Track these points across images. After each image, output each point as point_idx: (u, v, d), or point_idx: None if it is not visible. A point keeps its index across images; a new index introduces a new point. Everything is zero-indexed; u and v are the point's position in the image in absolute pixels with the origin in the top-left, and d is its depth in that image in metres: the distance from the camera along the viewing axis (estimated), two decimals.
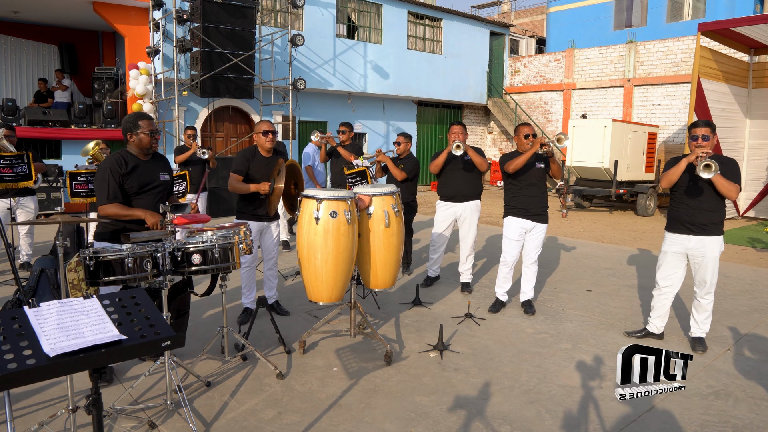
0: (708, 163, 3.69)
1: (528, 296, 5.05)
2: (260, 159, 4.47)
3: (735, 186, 3.81)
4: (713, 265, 4.04)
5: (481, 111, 19.59)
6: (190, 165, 7.18)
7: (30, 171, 5.89)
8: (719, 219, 4.00)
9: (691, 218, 4.00)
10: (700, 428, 3.06)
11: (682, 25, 17.11)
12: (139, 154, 3.52)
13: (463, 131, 5.34)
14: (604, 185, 12.45)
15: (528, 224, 4.90)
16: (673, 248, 4.15)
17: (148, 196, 3.52)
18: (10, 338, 1.59)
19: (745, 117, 11.83)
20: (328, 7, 14.39)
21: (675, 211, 4.13)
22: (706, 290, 4.11)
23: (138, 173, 3.46)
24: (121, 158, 3.42)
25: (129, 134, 3.48)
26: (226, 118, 13.57)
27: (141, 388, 3.43)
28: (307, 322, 4.73)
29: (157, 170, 3.60)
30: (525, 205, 4.87)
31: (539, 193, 4.88)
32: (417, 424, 3.07)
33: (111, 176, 3.35)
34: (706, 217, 3.97)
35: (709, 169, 3.70)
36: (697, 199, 3.97)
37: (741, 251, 8.02)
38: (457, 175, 5.56)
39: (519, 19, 29.23)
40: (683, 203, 4.05)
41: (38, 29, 13.45)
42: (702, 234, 4.00)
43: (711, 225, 3.98)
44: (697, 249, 4.04)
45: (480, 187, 5.68)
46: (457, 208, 5.60)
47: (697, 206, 3.97)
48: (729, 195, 3.84)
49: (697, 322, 4.22)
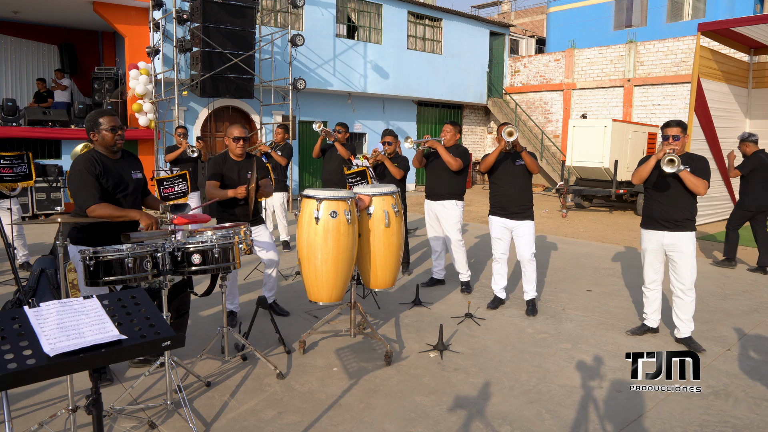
0: (671, 158, 3.85)
1: (531, 295, 5.05)
2: (232, 163, 4.36)
3: (702, 182, 3.96)
4: (690, 260, 4.14)
5: (481, 111, 19.59)
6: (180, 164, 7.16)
7: (30, 171, 5.89)
8: (691, 215, 4.14)
9: (665, 214, 4.14)
10: (700, 428, 3.06)
11: (682, 25, 17.11)
12: (107, 153, 3.37)
13: (452, 130, 5.42)
14: (604, 185, 12.44)
15: (508, 223, 4.94)
16: (651, 245, 4.28)
17: (123, 198, 3.40)
18: (10, 338, 1.59)
19: (745, 117, 11.82)
20: (328, 7, 14.39)
21: (649, 209, 4.27)
22: (687, 287, 4.16)
23: (111, 174, 3.32)
24: (92, 158, 3.27)
25: (92, 133, 3.33)
26: (226, 118, 13.57)
27: (141, 388, 3.43)
28: (307, 322, 4.73)
29: (129, 169, 3.47)
30: (503, 203, 4.93)
31: (518, 191, 4.88)
32: (417, 424, 3.07)
33: (89, 176, 3.20)
34: (678, 213, 4.11)
35: (672, 164, 3.85)
36: (669, 196, 4.12)
37: (741, 251, 8.02)
38: (434, 174, 5.60)
39: (519, 19, 29.23)
40: (656, 200, 4.19)
41: (38, 29, 13.45)
42: (675, 230, 4.13)
43: (683, 221, 4.12)
44: (672, 245, 4.16)
45: (459, 188, 5.58)
46: (434, 206, 5.64)
47: (669, 203, 4.12)
48: (696, 190, 3.98)
49: (683, 321, 4.23)
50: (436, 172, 5.58)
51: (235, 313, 4.64)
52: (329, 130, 6.58)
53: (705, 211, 9.87)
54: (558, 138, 17.33)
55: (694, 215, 4.16)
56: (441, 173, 5.53)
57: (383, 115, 16.71)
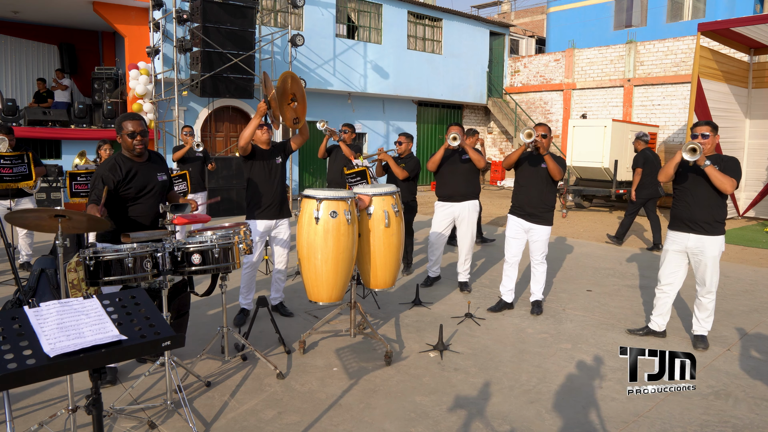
0: (693, 146, 3.74)
1: (537, 297, 5.05)
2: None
3: (729, 179, 3.84)
4: (712, 265, 4.06)
5: (481, 111, 19.59)
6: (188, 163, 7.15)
7: (30, 171, 5.89)
8: (720, 217, 4.02)
9: (691, 215, 4.04)
10: (700, 428, 3.06)
11: (682, 25, 17.11)
12: (131, 156, 3.41)
13: (462, 132, 5.37)
14: (604, 185, 12.44)
15: (524, 224, 4.91)
16: (674, 246, 4.19)
17: (148, 199, 3.43)
18: (10, 338, 1.59)
19: (745, 117, 11.82)
20: (328, 7, 14.39)
21: (676, 209, 4.18)
22: (706, 290, 4.13)
23: (134, 177, 3.35)
24: (115, 164, 3.31)
25: (118, 137, 3.40)
26: (226, 118, 13.57)
27: (141, 388, 3.43)
28: (307, 322, 4.73)
29: (154, 172, 3.49)
30: (521, 203, 4.91)
31: (538, 193, 4.82)
32: (417, 424, 3.07)
33: (99, 180, 3.25)
34: (704, 213, 3.99)
35: (693, 153, 3.75)
36: (695, 195, 4.02)
37: (741, 251, 8.02)
38: (455, 175, 5.56)
39: (519, 19, 29.23)
40: (683, 200, 4.10)
41: (38, 29, 13.45)
42: (701, 233, 4.03)
43: (711, 223, 4.00)
44: (696, 248, 4.07)
45: (478, 187, 5.68)
46: (455, 207, 5.61)
47: (696, 203, 4.02)
48: (723, 187, 3.86)
49: (699, 320, 4.25)
50: (460, 173, 5.54)
51: (247, 311, 4.63)
52: (334, 129, 6.57)
53: None
54: (558, 138, 17.32)
55: (723, 218, 4.03)
56: (466, 174, 5.54)
57: (383, 115, 16.71)
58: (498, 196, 15.59)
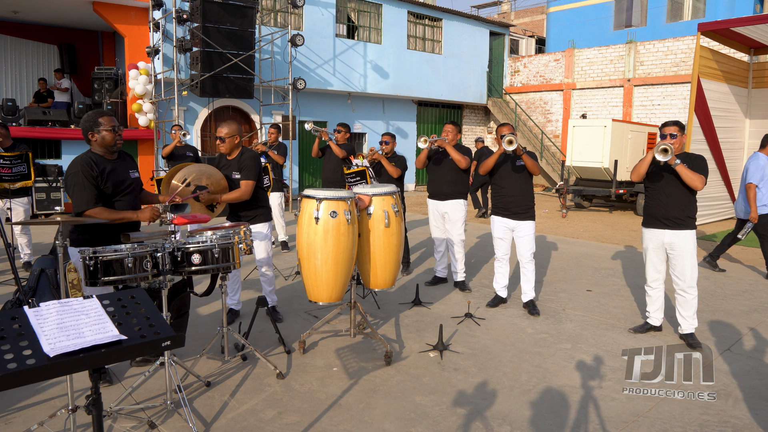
0: (665, 147, 3.91)
1: (529, 296, 5.06)
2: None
3: (698, 176, 4.02)
4: (690, 258, 4.18)
5: (480, 111, 19.59)
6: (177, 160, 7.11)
7: (29, 171, 5.89)
8: (691, 213, 4.19)
9: (664, 212, 4.19)
10: (700, 428, 3.06)
11: (682, 25, 17.11)
12: (105, 153, 3.35)
13: (454, 130, 5.43)
14: (604, 185, 12.44)
15: (510, 223, 4.95)
16: (651, 244, 4.33)
17: (125, 197, 3.39)
18: (10, 338, 1.59)
19: (745, 117, 11.82)
20: (328, 7, 14.39)
21: (649, 207, 4.33)
22: (687, 284, 4.20)
23: (110, 174, 3.31)
24: (89, 160, 3.25)
25: (90, 134, 3.29)
26: (226, 118, 13.56)
27: (141, 388, 3.43)
28: (307, 322, 4.73)
29: (126, 168, 3.46)
30: (505, 204, 4.95)
31: (520, 191, 4.90)
32: (417, 424, 3.07)
33: (86, 179, 3.19)
34: (677, 210, 4.15)
35: (665, 153, 3.92)
36: (668, 193, 4.17)
37: (741, 251, 8.02)
38: (440, 174, 5.60)
39: (519, 19, 29.23)
40: (656, 198, 4.25)
41: (38, 29, 13.45)
42: (676, 228, 4.17)
43: (683, 219, 4.17)
44: (672, 243, 4.20)
45: (464, 187, 5.65)
46: (439, 206, 5.65)
47: (668, 200, 4.17)
48: (693, 184, 4.03)
49: (685, 318, 4.28)
50: (443, 172, 5.57)
51: (236, 311, 4.63)
52: (325, 130, 6.60)
53: (705, 211, 9.87)
54: (558, 138, 17.33)
55: (694, 213, 4.21)
56: (448, 173, 5.54)
57: (383, 115, 16.71)
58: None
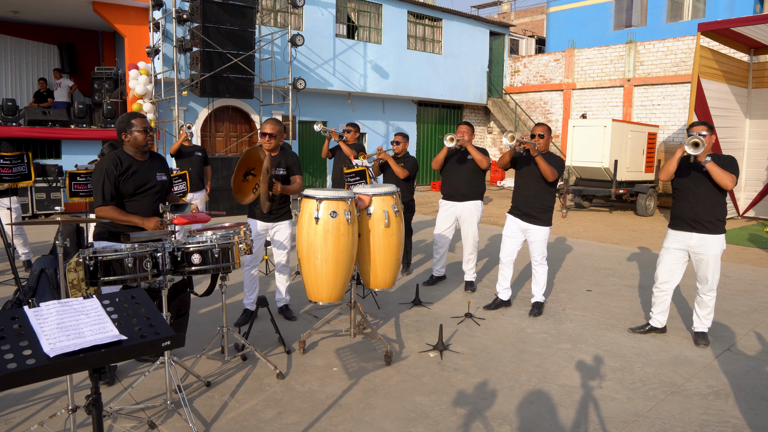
0: (696, 141, 3.78)
1: (537, 299, 5.03)
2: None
3: (729, 175, 3.90)
4: (714, 263, 4.12)
5: (481, 111, 19.59)
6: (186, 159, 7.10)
7: (29, 171, 5.89)
8: (721, 216, 4.08)
9: (693, 215, 4.09)
10: (700, 428, 3.06)
11: (682, 25, 17.11)
12: (135, 153, 3.48)
13: (469, 131, 5.36)
14: (604, 185, 12.45)
15: (522, 224, 4.90)
16: (675, 245, 4.24)
17: (144, 197, 3.46)
18: (10, 338, 1.59)
19: (745, 117, 11.82)
20: (328, 7, 14.39)
21: (677, 209, 4.22)
22: (708, 287, 4.19)
23: (134, 174, 3.42)
24: (117, 158, 3.39)
25: (123, 134, 3.45)
26: (226, 118, 13.57)
27: (141, 388, 3.43)
28: (307, 322, 4.73)
29: (153, 170, 3.54)
30: (518, 203, 4.92)
31: (533, 193, 4.79)
32: (417, 424, 3.07)
33: (106, 178, 3.32)
34: (707, 213, 4.05)
35: (696, 147, 3.79)
36: (697, 194, 4.06)
37: (741, 251, 8.02)
38: (458, 174, 5.55)
39: (519, 19, 29.23)
40: (684, 200, 4.14)
41: (38, 29, 13.45)
42: (704, 231, 4.09)
43: (713, 222, 4.06)
44: (698, 247, 4.13)
45: (482, 187, 5.62)
46: (456, 207, 5.60)
47: (698, 202, 4.06)
48: (723, 182, 3.91)
49: (700, 317, 4.30)
50: (462, 172, 5.53)
51: (250, 312, 4.58)
52: (334, 129, 6.58)
53: None
54: (558, 138, 17.32)
55: (724, 216, 4.09)
56: (467, 174, 5.51)
57: (383, 115, 16.71)
58: (498, 196, 15.59)
